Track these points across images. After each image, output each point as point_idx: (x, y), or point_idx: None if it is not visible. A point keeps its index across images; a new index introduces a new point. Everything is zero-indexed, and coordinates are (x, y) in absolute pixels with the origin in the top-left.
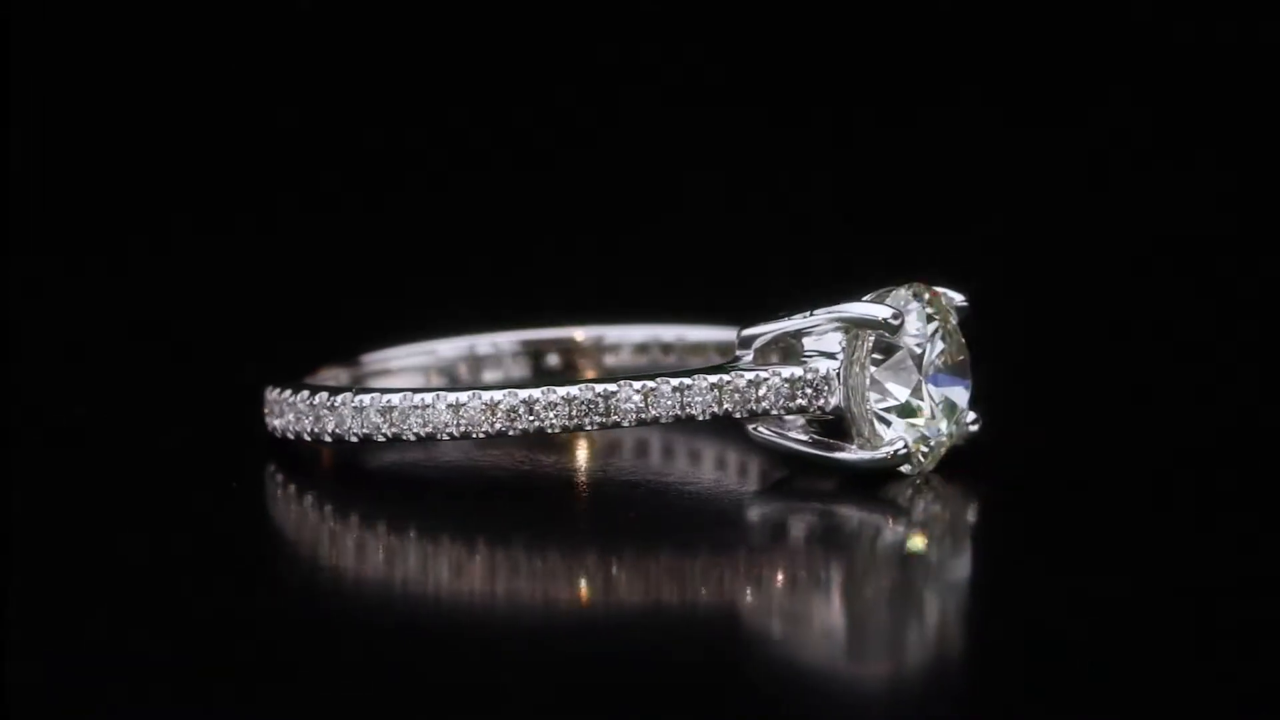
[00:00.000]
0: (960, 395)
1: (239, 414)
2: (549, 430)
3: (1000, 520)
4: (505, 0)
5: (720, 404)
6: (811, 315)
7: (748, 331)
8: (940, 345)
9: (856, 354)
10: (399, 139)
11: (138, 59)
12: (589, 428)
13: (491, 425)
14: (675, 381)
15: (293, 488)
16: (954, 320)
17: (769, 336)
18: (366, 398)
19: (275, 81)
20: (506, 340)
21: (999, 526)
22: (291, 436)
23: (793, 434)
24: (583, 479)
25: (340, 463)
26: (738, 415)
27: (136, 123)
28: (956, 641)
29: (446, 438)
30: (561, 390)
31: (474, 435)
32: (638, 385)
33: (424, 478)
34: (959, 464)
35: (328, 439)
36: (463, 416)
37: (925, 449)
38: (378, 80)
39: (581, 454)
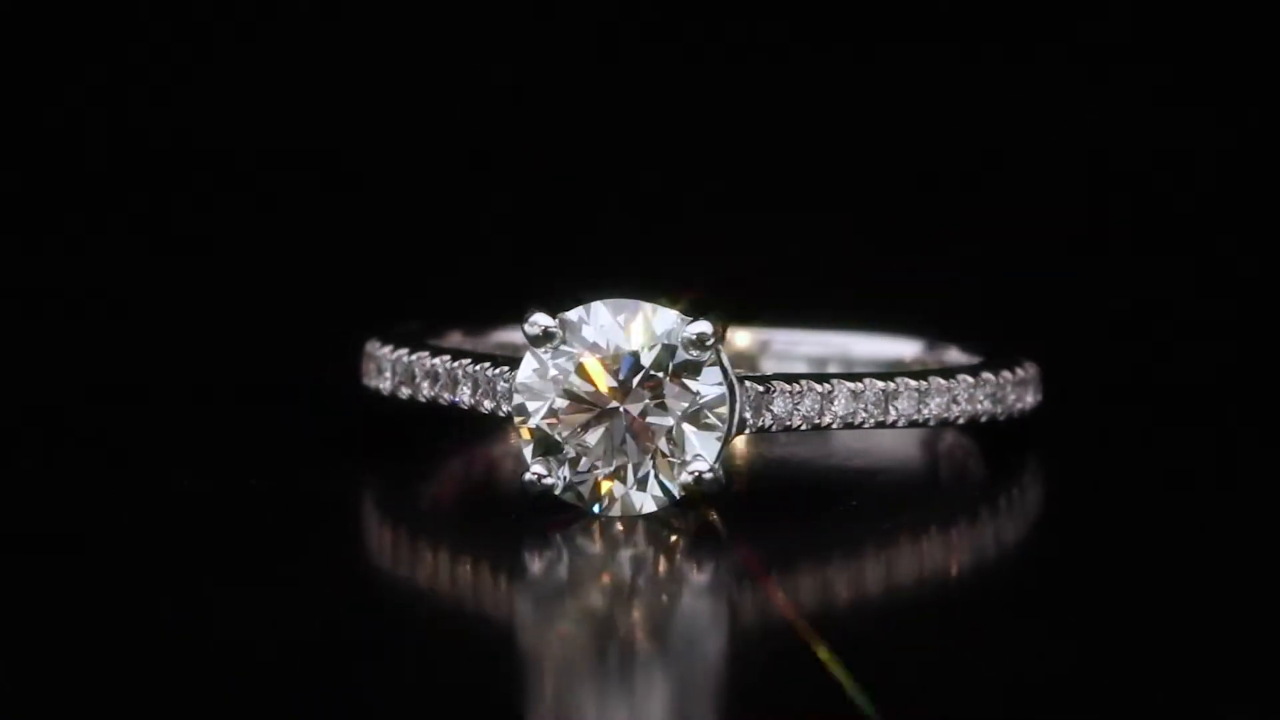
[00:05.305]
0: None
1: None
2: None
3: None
4: None
5: (479, 400)
6: None
7: None
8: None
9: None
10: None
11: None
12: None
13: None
14: (441, 365)
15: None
16: (682, 353)
17: None
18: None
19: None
20: None
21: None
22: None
23: None
24: None
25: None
26: (494, 414)
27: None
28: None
29: None
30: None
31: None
32: (429, 364)
33: None
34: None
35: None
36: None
37: (568, 483)
38: None
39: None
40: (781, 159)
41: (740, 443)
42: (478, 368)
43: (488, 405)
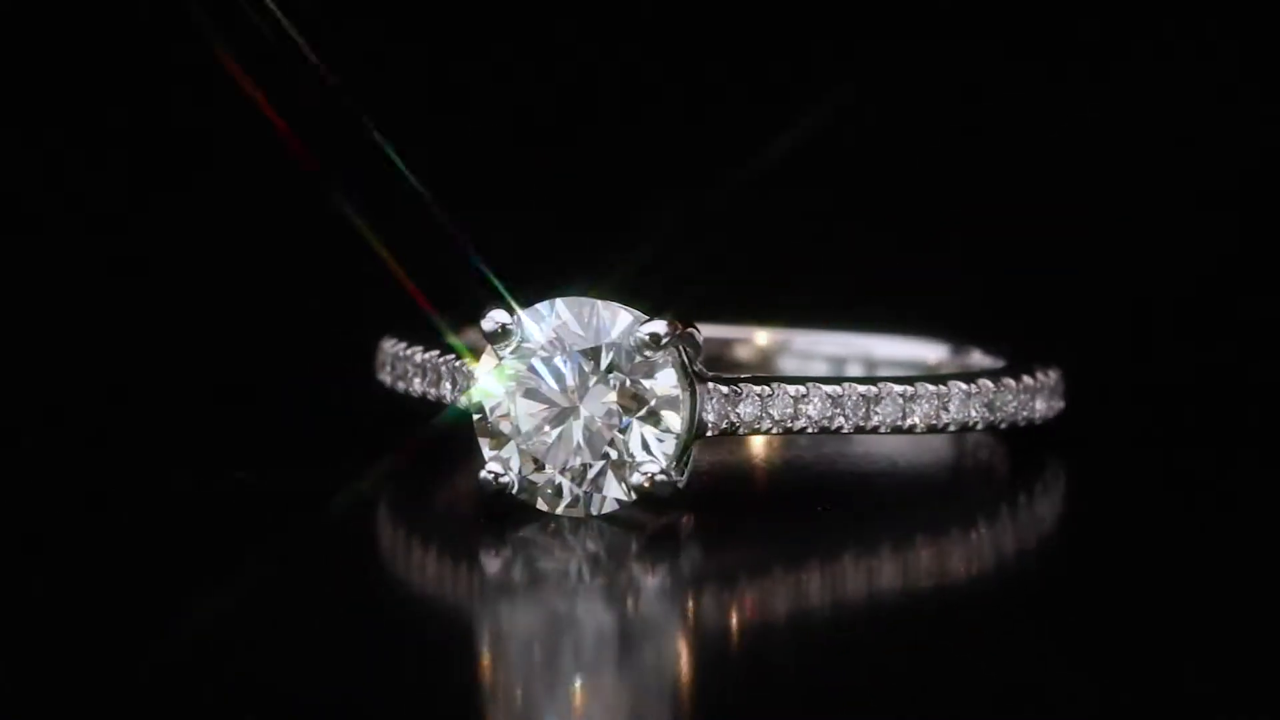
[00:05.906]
0: (599, 434)
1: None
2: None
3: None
4: None
5: (457, 396)
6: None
7: None
8: (572, 371)
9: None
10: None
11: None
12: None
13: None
14: (417, 355)
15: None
16: (638, 353)
17: None
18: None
19: None
20: None
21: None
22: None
23: None
24: None
25: None
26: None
27: None
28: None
29: None
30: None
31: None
32: (420, 359)
33: None
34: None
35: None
36: None
37: (522, 481)
38: None
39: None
40: (785, 161)
41: (759, 443)
42: (459, 363)
43: (462, 402)
